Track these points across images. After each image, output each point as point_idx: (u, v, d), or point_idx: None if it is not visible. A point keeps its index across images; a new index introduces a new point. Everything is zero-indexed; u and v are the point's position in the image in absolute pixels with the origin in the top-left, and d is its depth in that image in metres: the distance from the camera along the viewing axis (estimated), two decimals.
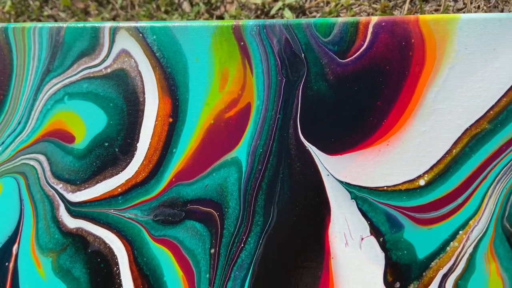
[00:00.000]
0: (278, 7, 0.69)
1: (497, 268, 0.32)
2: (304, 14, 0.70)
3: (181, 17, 0.76)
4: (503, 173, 0.33)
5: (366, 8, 0.66)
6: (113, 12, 0.81)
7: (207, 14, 0.75)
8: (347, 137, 0.35)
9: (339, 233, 0.35)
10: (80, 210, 0.39)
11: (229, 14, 0.75)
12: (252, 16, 0.71)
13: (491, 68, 0.33)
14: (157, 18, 0.77)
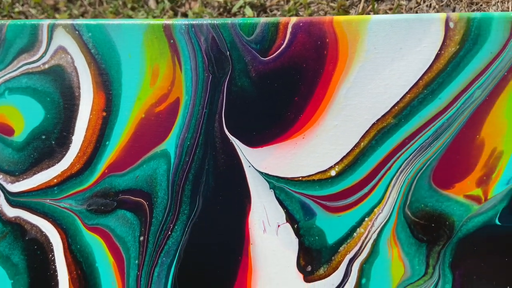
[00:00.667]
0: (240, 5, 0.71)
1: (398, 253, 0.35)
2: (265, 12, 0.72)
3: (146, 13, 0.77)
4: (406, 164, 0.35)
5: (324, 7, 0.69)
6: (81, 8, 0.83)
7: (171, 12, 0.77)
8: (267, 131, 0.38)
9: (258, 220, 0.37)
10: (19, 200, 0.41)
11: (193, 12, 0.77)
12: (215, 14, 0.73)
13: (397, 67, 0.36)
14: (124, 14, 0.78)
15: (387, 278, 0.35)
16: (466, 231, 0.34)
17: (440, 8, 0.66)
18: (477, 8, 0.65)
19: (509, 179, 0.34)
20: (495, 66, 0.34)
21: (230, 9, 0.73)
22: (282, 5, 0.72)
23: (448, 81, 0.35)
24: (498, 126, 0.34)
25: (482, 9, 0.65)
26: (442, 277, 0.34)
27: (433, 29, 0.35)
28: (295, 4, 0.69)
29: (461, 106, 0.34)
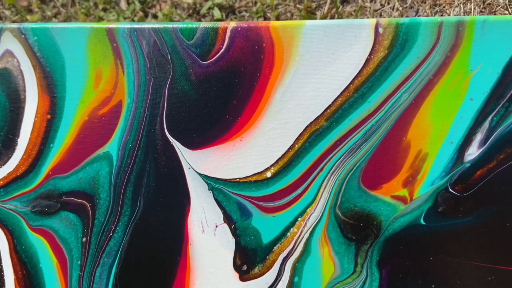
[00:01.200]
0: (208, 6, 0.72)
1: (329, 252, 0.36)
2: (233, 14, 0.73)
3: (117, 14, 0.78)
4: (336, 166, 0.36)
5: (291, 9, 0.70)
6: (54, 9, 0.83)
7: (141, 13, 0.77)
8: (206, 133, 0.39)
9: (197, 221, 0.38)
10: None
11: (162, 13, 0.77)
12: (184, 15, 0.74)
13: (329, 71, 0.37)
14: (95, 16, 0.79)
15: (318, 276, 0.36)
16: (393, 230, 0.35)
17: (403, 10, 0.67)
18: (440, 10, 0.67)
19: (433, 180, 0.35)
20: (422, 70, 0.35)
21: (199, 10, 0.74)
22: (250, 6, 0.73)
23: (377, 85, 0.36)
24: (423, 128, 0.35)
25: (445, 10, 0.66)
26: (369, 275, 0.35)
27: (363, 35, 0.36)
28: (263, 6, 0.70)
29: (389, 109, 0.35)
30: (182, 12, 0.76)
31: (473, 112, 0.34)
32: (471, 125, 0.34)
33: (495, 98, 0.34)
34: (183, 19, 0.75)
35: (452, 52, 0.35)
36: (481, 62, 0.34)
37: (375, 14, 0.68)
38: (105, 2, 0.79)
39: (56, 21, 0.82)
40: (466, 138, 0.34)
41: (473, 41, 0.34)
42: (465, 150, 0.34)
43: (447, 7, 0.67)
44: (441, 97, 0.35)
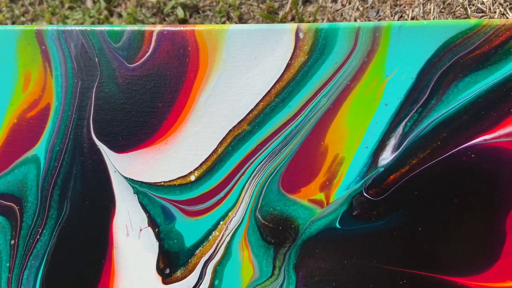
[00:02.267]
0: (171, 5, 0.72)
1: (249, 255, 0.36)
2: (197, 13, 0.73)
3: (83, 13, 0.77)
4: (258, 170, 0.36)
5: (254, 8, 0.69)
6: (22, 8, 0.82)
7: (106, 11, 0.77)
8: (132, 137, 0.39)
9: (122, 224, 0.38)
10: None
11: (126, 12, 0.77)
12: (149, 14, 0.74)
13: (252, 75, 0.37)
14: (61, 15, 0.78)
15: (238, 279, 0.36)
16: (310, 234, 0.35)
17: (364, 10, 0.67)
18: (400, 10, 0.67)
19: (349, 184, 0.35)
20: (339, 75, 0.35)
21: (163, 9, 0.74)
22: (214, 6, 0.73)
23: (297, 89, 0.36)
24: (340, 133, 0.35)
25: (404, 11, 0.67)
26: (287, 278, 0.36)
27: (285, 39, 0.36)
28: (226, 6, 0.70)
29: (308, 114, 0.36)
30: (146, 11, 0.76)
31: (387, 117, 0.34)
32: (386, 130, 0.34)
33: (409, 104, 0.34)
34: (147, 18, 0.75)
35: (369, 58, 0.35)
36: (396, 68, 0.34)
37: (336, 14, 0.69)
38: (71, 1, 0.78)
39: (23, 19, 0.82)
40: (380, 143, 0.35)
41: (389, 47, 0.34)
42: (379, 155, 0.34)
43: (407, 7, 0.67)
44: (358, 102, 0.35)
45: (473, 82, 0.33)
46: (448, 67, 0.33)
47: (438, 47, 0.34)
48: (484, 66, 0.33)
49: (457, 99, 0.33)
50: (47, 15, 0.80)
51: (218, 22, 0.72)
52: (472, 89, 0.33)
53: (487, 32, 0.33)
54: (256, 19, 0.72)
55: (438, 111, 0.34)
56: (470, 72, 0.33)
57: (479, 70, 0.33)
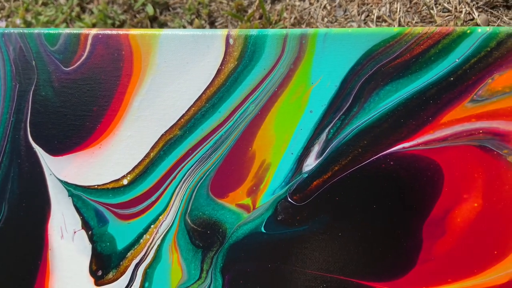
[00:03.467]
0: (142, 2, 0.72)
1: (178, 258, 0.37)
2: (168, 10, 0.73)
3: (56, 9, 0.77)
4: (188, 174, 0.37)
5: (224, 6, 0.69)
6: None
7: (78, 8, 0.77)
8: (67, 140, 0.39)
9: (57, 227, 0.39)
10: None
11: (98, 9, 0.77)
12: (119, 11, 0.74)
13: (184, 80, 0.37)
14: (33, 11, 0.78)
15: (167, 282, 0.37)
16: (236, 238, 0.36)
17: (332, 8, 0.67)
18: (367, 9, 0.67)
19: (274, 189, 0.35)
20: (267, 82, 0.36)
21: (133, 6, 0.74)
22: (184, 3, 0.73)
23: (227, 95, 0.36)
24: (268, 139, 0.36)
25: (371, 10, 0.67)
26: (213, 281, 0.36)
27: (215, 45, 0.37)
28: (196, 3, 0.70)
29: (237, 120, 0.36)
30: (118, 8, 0.76)
31: (312, 124, 0.35)
32: (310, 136, 0.35)
33: (332, 111, 0.35)
34: (117, 15, 0.74)
35: (295, 65, 0.35)
36: (321, 75, 0.35)
37: (303, 12, 0.69)
38: None
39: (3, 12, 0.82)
40: (305, 149, 0.35)
41: (314, 54, 0.35)
42: (303, 161, 0.35)
43: (374, 6, 0.67)
44: (284, 109, 0.35)
45: (393, 90, 0.33)
46: (370, 75, 0.34)
47: (361, 55, 0.34)
48: (405, 75, 0.33)
49: (378, 107, 0.34)
50: (21, 11, 0.80)
51: (187, 20, 0.72)
52: (392, 97, 0.34)
53: (409, 41, 0.33)
54: (224, 17, 0.72)
55: (360, 119, 0.34)
56: (391, 80, 0.34)
57: (400, 78, 0.33)
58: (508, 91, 0.32)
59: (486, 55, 0.32)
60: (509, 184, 0.32)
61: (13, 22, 0.81)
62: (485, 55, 0.32)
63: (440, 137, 0.33)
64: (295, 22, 0.69)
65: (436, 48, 0.33)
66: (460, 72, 0.33)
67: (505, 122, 0.32)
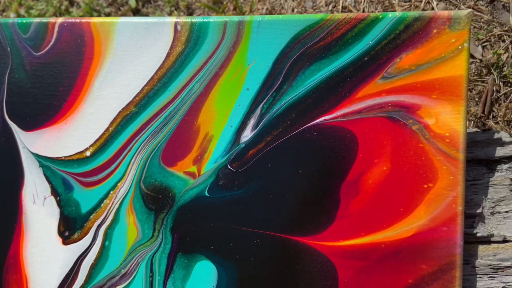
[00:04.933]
0: None
1: (134, 220, 0.42)
2: (149, 2, 0.77)
3: (46, 3, 0.82)
4: (142, 146, 0.42)
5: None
6: None
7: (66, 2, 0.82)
8: (38, 117, 0.44)
9: (29, 194, 0.44)
10: None
11: (84, 2, 0.81)
12: (105, 4, 0.78)
13: (138, 63, 0.42)
14: (26, 6, 0.83)
15: (124, 241, 0.42)
16: (184, 201, 0.41)
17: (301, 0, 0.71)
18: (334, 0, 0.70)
19: (216, 158, 0.40)
20: (210, 63, 0.40)
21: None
22: None
23: (175, 76, 0.41)
24: (211, 114, 0.40)
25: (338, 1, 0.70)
26: (164, 239, 0.41)
27: (165, 31, 0.41)
28: None
29: (184, 97, 0.41)
30: (103, 1, 0.80)
31: (248, 100, 0.39)
32: (247, 111, 0.39)
33: (265, 89, 0.39)
34: (103, 8, 0.79)
35: (234, 48, 0.40)
36: (256, 57, 0.39)
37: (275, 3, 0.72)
38: None
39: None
40: (242, 122, 0.40)
41: (250, 39, 0.39)
42: (241, 133, 0.40)
43: None
44: (225, 87, 0.40)
45: (317, 69, 0.38)
46: (298, 56, 0.38)
47: (290, 39, 0.38)
48: (327, 56, 0.38)
49: (304, 85, 0.38)
50: (14, 6, 0.84)
51: (167, 12, 0.77)
52: (316, 76, 0.38)
53: (330, 26, 0.38)
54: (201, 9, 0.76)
55: (289, 95, 0.39)
56: (315, 61, 0.38)
57: (322, 59, 0.38)
58: (414, 68, 0.36)
59: (395, 37, 0.37)
60: (413, 150, 0.36)
61: (7, 16, 0.85)
62: (394, 37, 0.37)
63: (356, 110, 0.37)
64: (266, 13, 0.73)
65: (353, 32, 0.37)
66: (373, 52, 0.37)
67: (410, 95, 0.36)
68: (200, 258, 0.40)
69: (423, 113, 0.36)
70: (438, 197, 0.36)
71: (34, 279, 0.44)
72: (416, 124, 0.36)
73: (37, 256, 0.44)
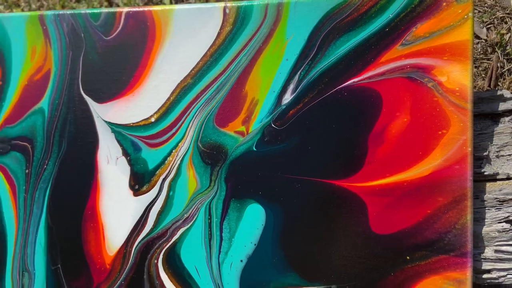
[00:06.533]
0: None
1: (193, 173, 0.50)
2: (182, 1, 0.86)
3: (87, 4, 0.92)
4: (198, 111, 0.50)
5: None
6: (38, 2, 0.97)
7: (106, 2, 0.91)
8: (109, 91, 0.52)
9: (104, 155, 0.52)
10: None
11: (122, 2, 0.91)
12: (141, 3, 0.87)
13: (193, 42, 0.50)
14: (69, 7, 0.92)
15: (186, 190, 0.50)
16: (235, 155, 0.48)
17: None
18: None
19: (261, 118, 0.48)
20: (254, 39, 0.48)
21: None
22: None
23: (225, 51, 0.49)
24: (256, 81, 0.48)
25: None
26: (219, 188, 0.49)
27: (216, 14, 0.49)
28: None
29: (233, 69, 0.49)
30: (140, 1, 0.89)
31: (287, 69, 0.47)
32: (287, 78, 0.47)
33: (302, 58, 0.47)
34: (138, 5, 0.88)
35: (275, 26, 0.47)
36: (293, 32, 0.47)
37: None
38: None
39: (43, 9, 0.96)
40: (283, 88, 0.47)
41: (288, 18, 0.47)
42: (282, 96, 0.47)
43: None
44: (267, 59, 0.48)
45: (346, 40, 0.45)
46: (329, 30, 0.46)
47: (322, 16, 0.46)
48: (354, 28, 0.45)
49: (335, 53, 0.46)
50: (58, 8, 0.94)
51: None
52: (345, 46, 0.45)
53: (356, 3, 0.45)
54: None
55: (322, 63, 0.46)
56: (344, 33, 0.45)
57: (350, 31, 0.45)
58: (428, 35, 0.43)
59: (411, 10, 0.44)
60: (429, 103, 0.43)
61: None
62: (410, 11, 0.44)
63: (379, 72, 0.45)
64: None
65: (375, 7, 0.44)
66: (393, 24, 0.44)
67: (425, 58, 0.43)
68: (250, 202, 0.48)
69: (437, 72, 0.43)
70: (451, 141, 0.42)
71: (109, 226, 0.52)
72: (431, 82, 0.43)
73: (111, 207, 0.52)
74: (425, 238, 0.43)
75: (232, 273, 0.48)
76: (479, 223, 0.45)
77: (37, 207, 0.54)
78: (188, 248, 0.49)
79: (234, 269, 0.48)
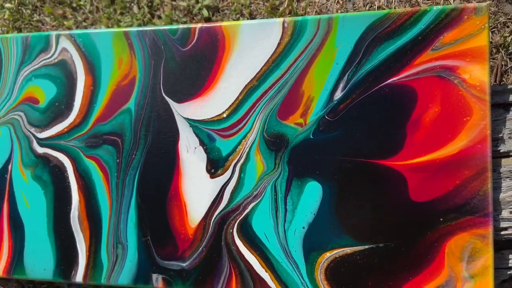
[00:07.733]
0: (198, 8, 0.96)
1: (260, 158, 0.61)
2: (218, 12, 0.96)
3: (131, 17, 1.03)
4: (263, 107, 0.61)
5: (260, 6, 0.93)
6: (83, 15, 1.08)
7: (149, 15, 1.02)
8: (187, 93, 0.64)
9: (183, 146, 0.64)
10: (44, 142, 0.68)
11: (165, 14, 1.02)
12: (181, 15, 0.98)
13: (257, 51, 0.61)
14: (114, 19, 1.03)
15: (254, 173, 0.61)
16: (295, 143, 0.60)
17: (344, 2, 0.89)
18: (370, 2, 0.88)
19: (317, 112, 0.59)
20: (310, 48, 0.59)
21: (192, 11, 0.98)
22: (230, 6, 0.96)
23: (284, 58, 0.60)
24: (311, 82, 0.59)
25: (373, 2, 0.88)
26: (283, 169, 0.60)
27: (276, 28, 0.60)
28: (239, 5, 0.93)
29: (292, 72, 0.60)
30: (180, 13, 1.00)
31: (338, 71, 0.58)
32: (337, 78, 0.58)
33: (349, 62, 0.58)
34: (180, 18, 0.99)
35: (326, 36, 0.58)
36: (342, 42, 0.58)
37: (322, 7, 0.91)
38: (121, 8, 1.03)
39: (85, 24, 1.07)
40: (334, 86, 0.58)
41: (338, 30, 0.58)
42: (334, 93, 0.58)
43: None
44: (320, 63, 0.59)
45: (386, 47, 0.56)
46: (371, 39, 0.57)
47: (366, 27, 0.57)
48: (392, 37, 0.56)
49: (377, 58, 0.57)
50: (104, 20, 1.05)
51: (234, 18, 0.95)
52: (385, 52, 0.56)
53: (393, 17, 0.56)
54: (262, 14, 0.95)
55: (367, 66, 0.57)
56: (384, 41, 0.56)
57: (389, 40, 0.56)
58: (453, 42, 0.54)
59: (439, 22, 0.55)
60: (455, 96, 0.54)
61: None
62: (438, 22, 0.55)
63: (415, 72, 0.55)
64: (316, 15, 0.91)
65: (409, 20, 0.55)
66: (425, 33, 0.55)
67: (451, 60, 0.54)
68: (309, 180, 0.59)
69: (461, 71, 0.54)
70: (474, 126, 0.53)
71: (190, 204, 0.64)
72: (457, 79, 0.54)
73: (191, 188, 0.63)
74: (455, 203, 0.54)
75: (296, 238, 0.59)
76: (497, 191, 0.56)
77: (128, 190, 0.66)
78: (258, 219, 0.61)
79: (298, 235, 0.59)
